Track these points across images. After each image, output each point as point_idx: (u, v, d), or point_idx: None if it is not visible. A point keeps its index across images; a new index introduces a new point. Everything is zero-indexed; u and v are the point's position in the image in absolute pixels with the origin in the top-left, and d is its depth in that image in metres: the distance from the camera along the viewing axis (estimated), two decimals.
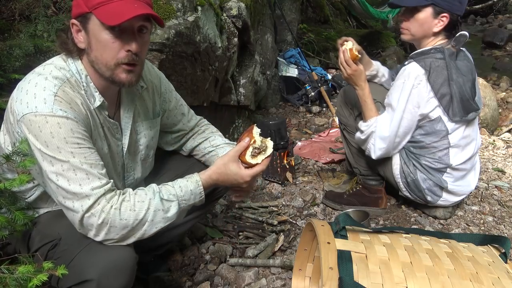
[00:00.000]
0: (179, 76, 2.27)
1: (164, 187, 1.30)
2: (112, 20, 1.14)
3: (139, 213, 1.20)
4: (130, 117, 1.42)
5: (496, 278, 1.06)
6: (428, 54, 1.95)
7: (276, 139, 2.58)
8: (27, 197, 1.33)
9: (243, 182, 1.38)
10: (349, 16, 6.66)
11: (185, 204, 1.32)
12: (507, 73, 5.27)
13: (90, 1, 1.16)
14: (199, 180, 1.36)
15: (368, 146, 2.10)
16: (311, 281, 1.45)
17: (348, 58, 2.01)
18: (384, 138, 2.02)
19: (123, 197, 1.20)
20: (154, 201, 1.23)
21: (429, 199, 2.12)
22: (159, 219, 1.24)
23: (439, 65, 1.91)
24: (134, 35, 1.21)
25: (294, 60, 4.33)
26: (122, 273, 1.17)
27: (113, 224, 1.16)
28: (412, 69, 1.93)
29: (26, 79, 1.22)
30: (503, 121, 3.52)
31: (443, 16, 1.94)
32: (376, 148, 2.06)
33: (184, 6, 2.18)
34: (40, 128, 1.13)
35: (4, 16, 1.87)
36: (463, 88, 1.92)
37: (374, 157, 2.08)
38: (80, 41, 1.23)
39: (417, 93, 1.93)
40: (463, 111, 1.95)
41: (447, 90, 1.92)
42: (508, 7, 8.97)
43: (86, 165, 1.16)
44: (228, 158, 1.37)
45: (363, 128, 2.09)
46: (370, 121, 2.07)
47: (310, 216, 2.33)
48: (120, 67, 1.22)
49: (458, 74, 1.92)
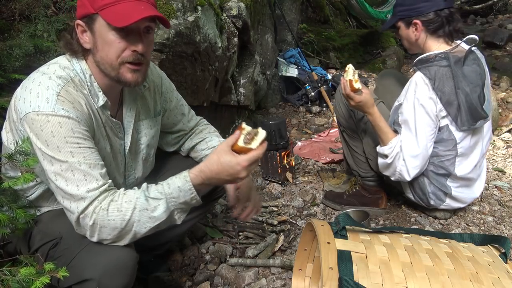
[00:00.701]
0: (179, 76, 2.27)
1: (154, 186, 1.25)
2: (119, 21, 1.15)
3: (126, 213, 1.16)
4: (132, 116, 1.42)
5: (496, 278, 1.06)
6: (433, 61, 1.90)
7: (276, 139, 2.58)
8: (29, 196, 1.33)
9: (241, 169, 1.20)
10: (349, 16, 6.65)
11: (174, 202, 1.22)
12: (507, 73, 5.27)
13: (96, 2, 1.16)
14: (187, 175, 1.23)
15: (398, 169, 1.99)
16: (311, 281, 1.45)
17: (349, 91, 1.95)
18: (416, 156, 1.94)
19: (111, 198, 1.18)
20: (140, 200, 1.18)
21: (432, 202, 2.10)
22: (146, 219, 1.19)
23: (445, 74, 1.86)
24: (140, 36, 1.21)
25: (294, 60, 4.33)
26: (123, 273, 1.17)
27: (102, 224, 1.15)
28: (418, 80, 1.90)
29: (30, 77, 1.22)
30: (503, 121, 3.52)
31: (414, 23, 1.94)
32: (409, 167, 1.96)
33: (184, 6, 2.18)
34: (42, 127, 1.14)
35: (4, 16, 1.87)
36: (470, 96, 1.86)
37: (409, 178, 1.98)
38: (86, 41, 1.23)
39: (428, 103, 1.89)
40: (471, 120, 1.90)
41: (454, 99, 1.87)
42: (508, 7, 8.96)
43: (84, 165, 1.16)
44: (220, 149, 1.23)
45: (387, 151, 2.00)
46: (392, 143, 1.98)
47: (310, 216, 2.33)
48: (125, 66, 1.22)
49: (465, 81, 1.86)
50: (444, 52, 1.91)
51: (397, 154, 1.97)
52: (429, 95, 1.89)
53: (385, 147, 2.01)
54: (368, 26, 6.71)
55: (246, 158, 1.19)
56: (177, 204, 1.23)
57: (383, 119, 2.00)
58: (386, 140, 2.00)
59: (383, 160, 2.04)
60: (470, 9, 8.38)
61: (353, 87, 1.92)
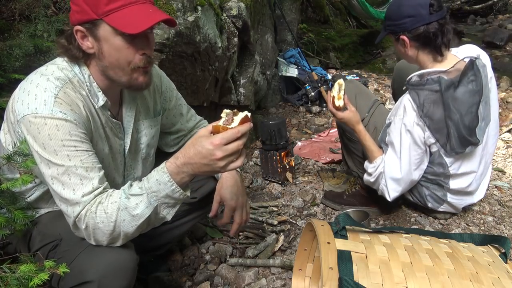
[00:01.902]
0: (179, 76, 2.27)
1: (136, 182, 1.19)
2: (132, 28, 1.13)
3: (112, 215, 1.13)
4: (132, 116, 1.42)
5: (496, 278, 1.06)
6: (424, 85, 1.82)
7: (276, 139, 2.58)
8: (27, 197, 1.33)
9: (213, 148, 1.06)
10: (349, 16, 6.65)
11: (155, 196, 1.15)
12: (507, 73, 5.27)
13: (100, 8, 1.14)
14: (164, 166, 1.15)
15: (380, 188, 2.01)
16: (311, 281, 1.45)
17: (331, 107, 1.96)
18: (397, 180, 1.94)
19: (100, 200, 1.15)
20: (121, 200, 1.15)
21: (430, 205, 2.11)
22: (129, 218, 1.14)
23: (434, 100, 1.80)
24: (147, 39, 1.21)
25: (294, 60, 4.33)
26: (123, 274, 1.17)
27: (94, 227, 1.14)
28: (407, 104, 1.86)
29: (29, 79, 1.21)
30: (503, 121, 3.51)
31: (401, 38, 1.89)
32: (389, 189, 1.97)
33: (184, 6, 2.18)
34: (39, 130, 1.13)
35: (4, 16, 1.87)
36: (460, 124, 1.80)
37: (390, 199, 1.99)
38: (89, 47, 1.21)
39: (415, 129, 1.86)
40: (460, 147, 1.85)
41: (443, 127, 1.83)
42: (508, 7, 8.96)
43: (81, 169, 1.15)
44: (197, 135, 1.13)
45: (370, 170, 2.02)
46: (376, 162, 1.98)
47: (310, 216, 2.32)
48: (138, 70, 1.22)
49: (457, 107, 1.78)
50: (438, 75, 1.82)
51: (380, 174, 1.98)
52: (417, 122, 1.85)
53: (369, 165, 2.03)
54: (368, 26, 6.71)
55: (220, 136, 1.06)
56: (160, 199, 1.15)
57: (368, 137, 1.99)
58: (372, 158, 2.01)
59: (367, 177, 2.06)
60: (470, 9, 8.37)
61: (334, 104, 1.94)
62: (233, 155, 1.08)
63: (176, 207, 1.22)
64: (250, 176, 2.76)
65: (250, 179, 2.72)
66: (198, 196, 1.67)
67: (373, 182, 2.04)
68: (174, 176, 1.14)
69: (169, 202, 1.18)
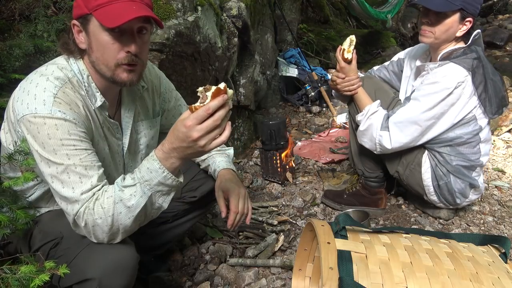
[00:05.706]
0: (179, 76, 2.27)
1: (129, 174, 1.19)
2: (111, 22, 1.14)
3: (109, 209, 1.14)
4: (131, 117, 1.42)
5: (496, 278, 1.06)
6: (465, 54, 1.90)
7: (276, 139, 2.58)
8: (28, 196, 1.34)
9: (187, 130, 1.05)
10: (349, 16, 6.65)
11: (148, 185, 1.15)
12: (507, 73, 5.27)
13: (90, 2, 1.16)
14: (154, 154, 1.15)
15: (375, 137, 2.01)
16: (311, 281, 1.45)
17: (338, 55, 2.08)
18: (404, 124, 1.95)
19: (97, 196, 1.16)
20: (116, 192, 1.15)
21: (458, 201, 2.11)
22: (125, 210, 1.15)
23: (477, 65, 1.89)
24: (133, 37, 1.21)
25: (294, 60, 4.33)
26: (124, 273, 1.17)
27: (93, 223, 1.14)
28: (455, 71, 1.87)
29: (28, 78, 1.22)
30: (503, 121, 3.51)
31: (467, 21, 1.90)
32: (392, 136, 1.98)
33: (184, 6, 2.18)
34: (38, 129, 1.14)
35: (4, 16, 1.87)
36: (498, 84, 1.95)
37: (390, 146, 1.99)
38: (81, 41, 1.23)
39: (458, 94, 1.89)
40: (498, 108, 1.98)
41: (484, 89, 1.92)
42: (508, 7, 8.96)
43: (80, 167, 1.16)
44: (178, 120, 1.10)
45: (360, 117, 2.07)
46: (365, 110, 2.06)
47: (310, 216, 2.33)
48: (121, 67, 1.22)
49: (492, 72, 1.94)
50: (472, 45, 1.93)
51: (370, 123, 2.03)
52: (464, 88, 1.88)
53: (359, 113, 2.09)
54: (368, 26, 6.72)
55: (192, 117, 1.03)
56: (153, 187, 1.15)
57: (363, 90, 2.09)
58: (362, 107, 2.09)
59: (360, 128, 2.10)
60: None
61: (343, 56, 2.06)
62: (212, 132, 1.06)
63: (170, 194, 1.22)
64: (250, 176, 2.76)
65: (250, 179, 2.72)
66: (197, 195, 1.67)
67: (364, 132, 2.06)
68: (164, 163, 1.14)
69: (162, 190, 1.18)
